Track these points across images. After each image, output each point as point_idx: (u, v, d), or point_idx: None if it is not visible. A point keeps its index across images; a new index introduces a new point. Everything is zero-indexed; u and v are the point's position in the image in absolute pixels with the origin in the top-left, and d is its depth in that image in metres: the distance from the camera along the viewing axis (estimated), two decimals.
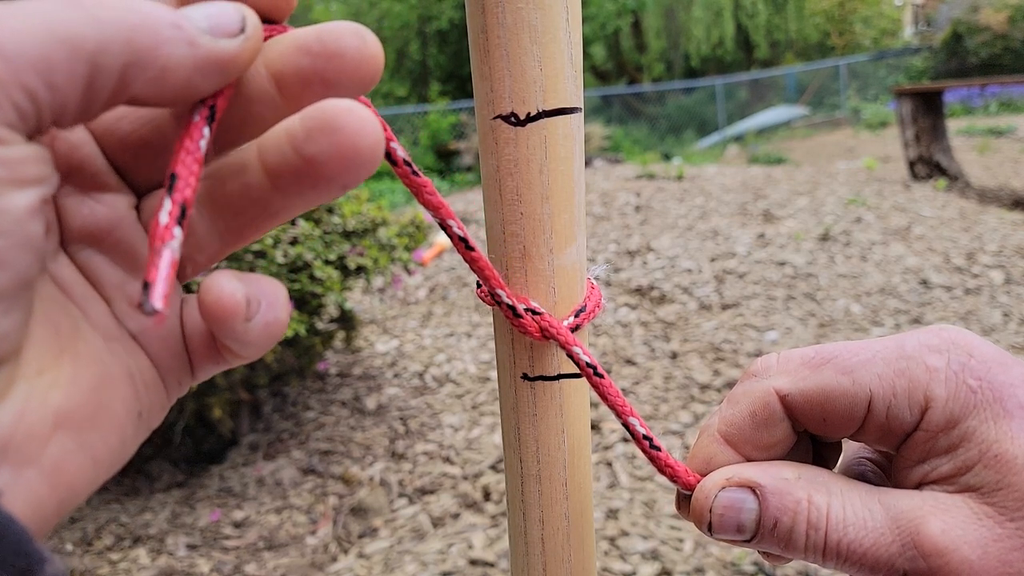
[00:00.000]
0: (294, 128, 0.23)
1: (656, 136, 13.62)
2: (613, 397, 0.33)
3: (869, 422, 0.31)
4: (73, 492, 0.22)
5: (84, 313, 0.24)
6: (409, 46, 14.78)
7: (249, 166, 0.24)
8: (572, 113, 0.32)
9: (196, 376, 0.27)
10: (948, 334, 0.31)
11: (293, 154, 0.23)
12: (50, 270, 0.24)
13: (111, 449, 0.23)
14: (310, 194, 0.24)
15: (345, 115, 0.22)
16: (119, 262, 0.25)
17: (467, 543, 1.88)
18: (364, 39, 0.23)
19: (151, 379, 0.25)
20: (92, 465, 0.23)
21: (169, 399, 0.27)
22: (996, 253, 3.69)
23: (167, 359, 0.26)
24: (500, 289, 0.33)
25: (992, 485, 0.28)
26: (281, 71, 0.23)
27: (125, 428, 0.24)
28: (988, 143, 7.81)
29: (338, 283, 2.26)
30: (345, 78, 0.23)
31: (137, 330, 0.25)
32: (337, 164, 0.22)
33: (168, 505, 2.21)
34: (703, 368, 2.71)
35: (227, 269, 0.24)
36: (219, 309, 0.23)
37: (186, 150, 0.22)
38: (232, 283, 0.23)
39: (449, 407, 2.67)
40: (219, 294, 0.23)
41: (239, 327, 0.24)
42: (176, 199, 0.22)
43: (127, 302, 0.25)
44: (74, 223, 0.25)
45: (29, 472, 0.21)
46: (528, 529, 0.36)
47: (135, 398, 0.24)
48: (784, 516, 0.31)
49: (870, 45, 18.62)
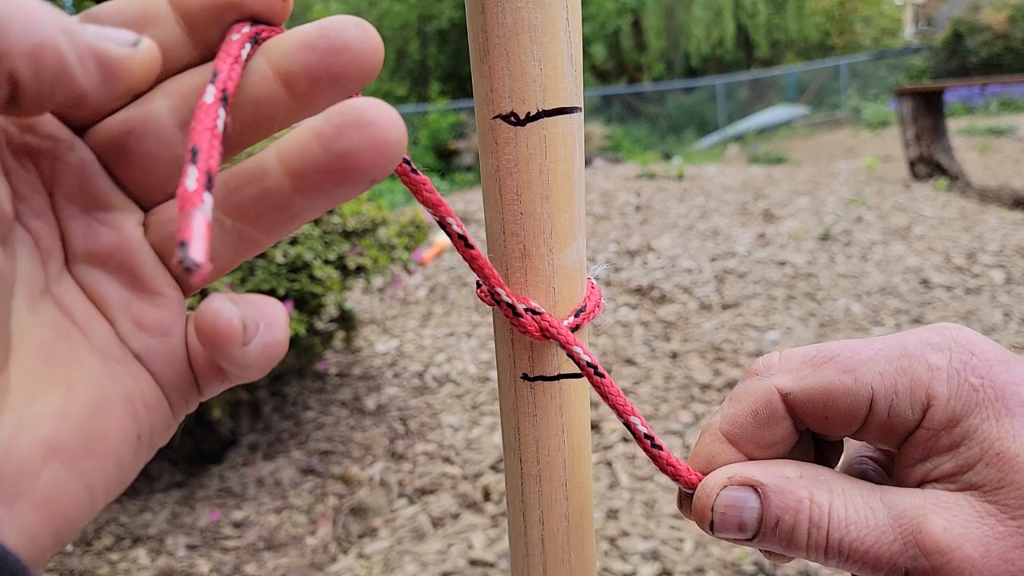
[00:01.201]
0: (322, 127, 0.23)
1: (656, 136, 13.62)
2: (614, 397, 0.33)
3: (871, 420, 0.31)
4: (69, 521, 0.22)
5: (85, 335, 0.24)
6: (409, 45, 14.78)
7: (268, 171, 0.24)
8: (572, 113, 0.32)
9: (203, 393, 0.27)
10: (950, 332, 0.31)
11: (322, 152, 0.23)
12: (54, 293, 0.24)
13: (107, 476, 0.23)
14: (337, 191, 0.24)
15: (374, 110, 0.23)
16: (125, 282, 0.25)
17: (467, 543, 1.88)
18: (366, 31, 0.23)
19: (153, 400, 0.25)
20: (87, 493, 0.22)
21: (175, 418, 0.26)
22: (997, 253, 3.69)
23: (172, 377, 0.26)
24: (499, 288, 0.33)
25: (994, 483, 0.28)
26: (289, 70, 0.24)
27: (122, 453, 0.24)
28: (989, 143, 7.81)
29: (338, 283, 2.26)
30: (353, 71, 0.23)
31: (142, 349, 0.25)
32: (371, 157, 0.23)
33: (168, 505, 2.21)
34: (703, 368, 2.71)
35: (222, 292, 0.24)
36: (215, 334, 0.23)
37: (203, 125, 0.22)
38: (228, 307, 0.23)
39: (449, 407, 2.67)
40: (214, 319, 0.23)
41: (236, 351, 0.23)
42: (200, 167, 0.22)
43: (132, 321, 0.25)
44: (79, 245, 0.25)
45: (21, 505, 0.21)
46: (528, 529, 0.36)
47: (133, 422, 0.24)
48: (786, 515, 0.31)
49: (871, 45, 18.62)
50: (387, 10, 14.51)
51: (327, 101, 0.24)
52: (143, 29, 0.24)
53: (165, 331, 0.25)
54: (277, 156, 0.24)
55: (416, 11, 14.43)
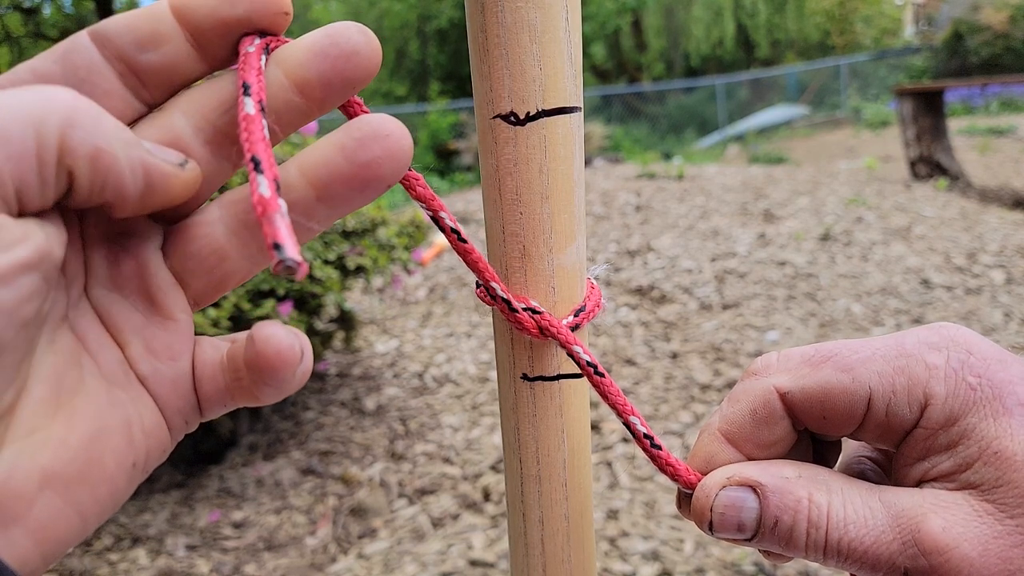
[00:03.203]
0: (343, 141, 0.25)
1: (656, 135, 13.61)
2: (614, 396, 0.33)
3: (869, 420, 0.31)
4: (60, 546, 0.23)
5: (95, 360, 0.25)
6: (409, 45, 14.77)
7: (291, 184, 0.26)
8: (572, 112, 0.32)
9: (205, 416, 0.28)
10: (947, 332, 0.31)
11: (346, 163, 0.25)
12: (70, 318, 0.24)
13: (101, 503, 0.24)
14: (358, 198, 0.26)
15: (389, 123, 0.25)
16: (141, 306, 0.26)
17: (467, 544, 1.88)
18: (367, 35, 0.26)
19: (152, 425, 0.26)
20: (80, 520, 0.23)
21: (173, 440, 0.27)
22: (997, 253, 3.69)
23: (176, 400, 0.27)
24: (494, 283, 0.33)
25: (992, 482, 0.28)
26: (304, 78, 0.25)
27: (116, 481, 0.24)
28: (989, 143, 7.81)
29: (337, 283, 2.26)
30: (361, 73, 0.26)
31: (149, 373, 0.26)
32: (389, 165, 0.25)
33: (167, 506, 2.21)
34: (703, 368, 2.71)
35: (275, 320, 0.26)
36: (279, 360, 0.25)
37: (256, 136, 0.24)
38: (290, 335, 0.25)
39: (449, 407, 2.66)
40: (279, 346, 0.25)
41: (290, 375, 0.26)
42: (267, 176, 0.23)
43: (143, 345, 0.26)
44: (100, 270, 0.25)
45: (15, 530, 0.21)
46: (528, 530, 0.36)
47: (129, 449, 0.25)
48: (785, 515, 0.31)
49: (871, 44, 18.61)
50: (387, 9, 14.51)
51: (336, 103, 0.26)
52: (155, 46, 0.24)
53: (175, 355, 0.26)
54: (299, 170, 0.26)
55: (416, 11, 14.42)
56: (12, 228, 0.20)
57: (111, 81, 0.24)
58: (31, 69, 0.24)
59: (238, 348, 0.27)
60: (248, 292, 2.05)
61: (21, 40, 6.03)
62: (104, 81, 0.24)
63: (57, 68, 0.24)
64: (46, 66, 0.24)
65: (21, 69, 0.24)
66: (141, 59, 0.24)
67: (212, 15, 0.25)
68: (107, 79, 0.24)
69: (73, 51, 0.24)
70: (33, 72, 0.24)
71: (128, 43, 0.24)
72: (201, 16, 0.25)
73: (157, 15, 0.24)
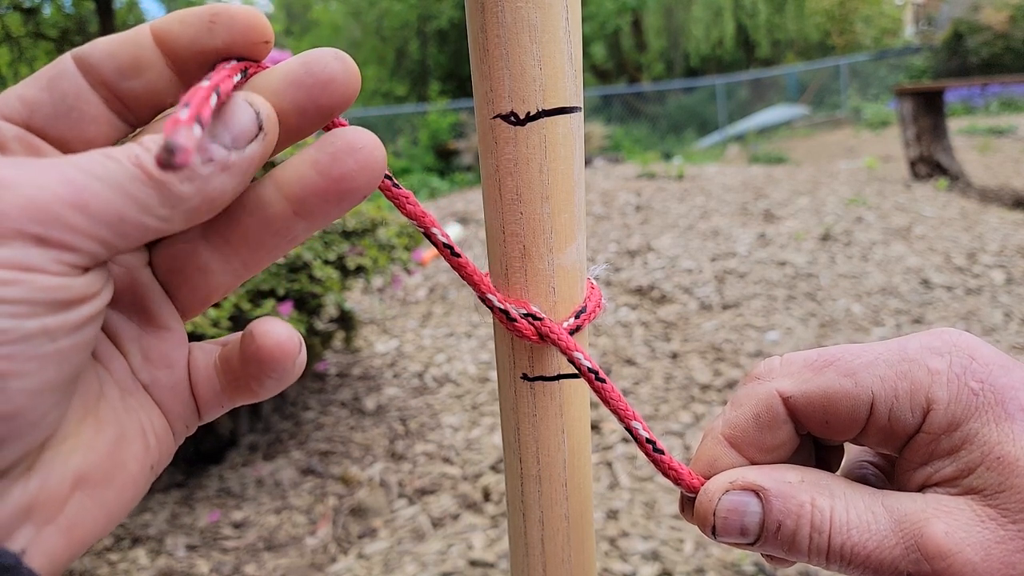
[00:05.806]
0: (316, 157, 0.26)
1: (656, 135, 13.62)
2: (615, 402, 0.33)
3: (871, 424, 0.31)
4: (85, 544, 0.24)
5: (107, 369, 0.26)
6: (409, 45, 14.78)
7: (268, 200, 0.26)
8: (572, 112, 0.32)
9: (203, 418, 0.29)
10: (950, 337, 0.31)
11: (319, 178, 0.25)
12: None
13: (124, 503, 0.26)
14: (334, 211, 0.26)
15: (362, 136, 0.26)
16: (135, 318, 0.27)
17: (467, 544, 1.88)
18: (345, 62, 0.26)
19: (162, 430, 0.27)
20: (105, 519, 0.25)
21: (176, 444, 0.29)
22: (997, 253, 3.69)
23: (176, 406, 0.28)
24: (491, 294, 0.33)
25: (995, 487, 0.28)
26: (279, 106, 0.25)
27: (138, 483, 0.26)
28: (989, 143, 7.81)
29: (337, 283, 2.26)
30: (336, 100, 0.26)
31: (149, 381, 0.27)
32: (363, 176, 0.26)
33: (167, 505, 2.21)
34: (703, 368, 2.71)
35: (268, 316, 0.27)
36: (279, 351, 0.27)
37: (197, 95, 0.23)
38: (286, 326, 0.27)
39: (449, 407, 2.66)
40: (278, 338, 0.27)
41: (289, 366, 0.27)
42: (191, 112, 0.22)
43: (141, 355, 0.27)
44: None
45: (48, 529, 0.23)
46: (528, 530, 0.36)
47: (147, 453, 0.26)
48: (787, 519, 0.31)
49: (871, 44, 18.62)
50: (387, 9, 14.51)
51: (312, 130, 0.27)
52: (137, 74, 0.25)
53: (171, 363, 0.27)
54: (275, 186, 0.26)
55: (416, 11, 14.42)
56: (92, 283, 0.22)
57: (97, 107, 0.25)
58: (19, 97, 0.24)
59: (230, 350, 0.28)
60: (248, 292, 2.05)
61: (21, 40, 6.03)
62: (91, 108, 0.25)
63: (46, 96, 0.24)
64: (33, 93, 0.24)
65: (11, 96, 0.24)
66: (124, 86, 0.25)
67: (192, 45, 0.25)
68: (93, 105, 0.25)
69: (60, 77, 0.24)
70: (22, 100, 0.24)
71: (110, 71, 0.25)
72: (182, 46, 0.25)
73: (139, 41, 0.25)
